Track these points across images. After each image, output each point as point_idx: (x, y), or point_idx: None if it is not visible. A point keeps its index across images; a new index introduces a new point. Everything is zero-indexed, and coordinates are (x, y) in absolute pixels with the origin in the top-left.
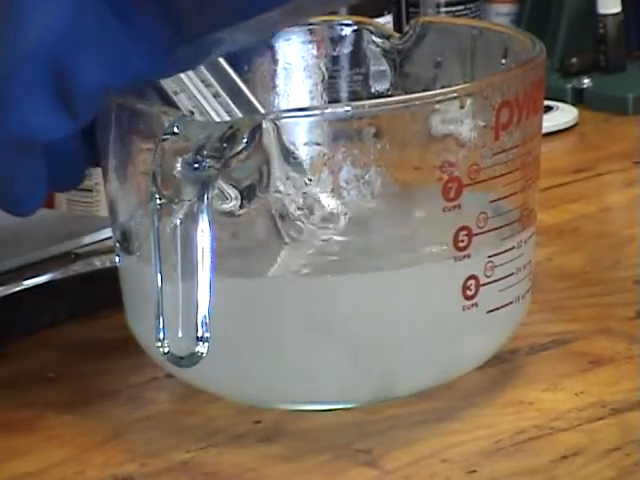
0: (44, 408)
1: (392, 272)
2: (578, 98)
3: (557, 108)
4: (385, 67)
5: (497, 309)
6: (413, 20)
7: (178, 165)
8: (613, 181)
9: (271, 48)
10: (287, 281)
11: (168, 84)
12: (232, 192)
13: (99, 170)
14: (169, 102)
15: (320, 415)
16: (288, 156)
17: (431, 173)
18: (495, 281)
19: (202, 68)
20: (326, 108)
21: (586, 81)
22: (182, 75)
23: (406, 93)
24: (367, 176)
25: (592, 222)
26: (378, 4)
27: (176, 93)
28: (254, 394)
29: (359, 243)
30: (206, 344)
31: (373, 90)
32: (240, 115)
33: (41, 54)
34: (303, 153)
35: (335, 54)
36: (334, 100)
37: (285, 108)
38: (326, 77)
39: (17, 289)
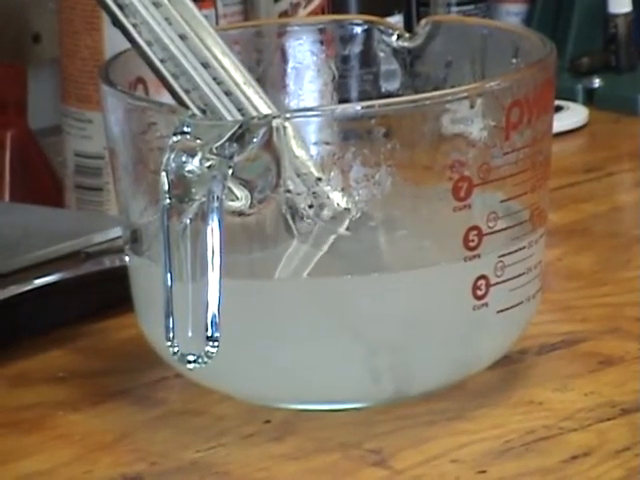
0: (53, 407)
1: (401, 273)
2: (588, 98)
3: (567, 108)
4: (395, 66)
5: (507, 309)
6: (423, 19)
7: (188, 164)
8: (623, 181)
9: (282, 47)
10: (297, 283)
11: (180, 82)
12: (242, 191)
13: (109, 169)
14: (180, 101)
15: (330, 415)
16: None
17: (441, 173)
18: (505, 281)
19: (214, 65)
20: (336, 108)
21: (596, 81)
22: (194, 73)
23: (416, 93)
24: (377, 176)
25: (602, 222)
26: (388, 3)
27: (187, 92)
28: (264, 393)
29: (368, 243)
30: (216, 344)
31: (383, 90)
32: (252, 114)
33: None
34: (313, 152)
35: (345, 53)
36: (344, 100)
37: (295, 108)
38: (336, 77)
39: (27, 288)
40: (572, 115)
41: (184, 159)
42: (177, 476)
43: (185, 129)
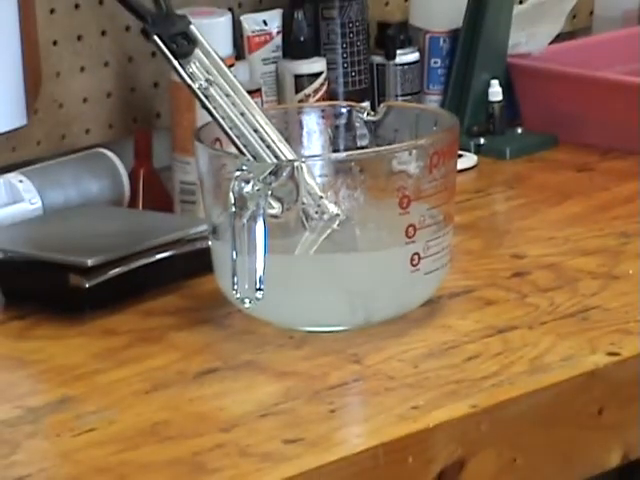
0: (167, 329)
1: (370, 252)
2: (477, 150)
3: (465, 155)
4: (365, 131)
5: (431, 272)
6: (382, 104)
7: (245, 188)
8: (496, 198)
9: (300, 120)
10: (308, 257)
11: (240, 141)
12: (276, 203)
13: (200, 191)
14: (240, 151)
15: (328, 334)
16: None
17: (392, 193)
18: (430, 256)
19: (260, 130)
20: (331, 155)
21: (482, 140)
22: (248, 135)
23: (378, 147)
24: (355, 194)
25: (485, 221)
26: (361, 95)
27: (245, 146)
28: (289, 321)
29: (349, 234)
30: (261, 292)
31: (359, 145)
32: (282, 158)
33: None
34: (318, 181)
35: (337, 123)
36: (336, 150)
37: (307, 155)
38: (331, 137)
39: (152, 260)
40: (468, 160)
41: (243, 185)
42: (240, 369)
43: (243, 168)
